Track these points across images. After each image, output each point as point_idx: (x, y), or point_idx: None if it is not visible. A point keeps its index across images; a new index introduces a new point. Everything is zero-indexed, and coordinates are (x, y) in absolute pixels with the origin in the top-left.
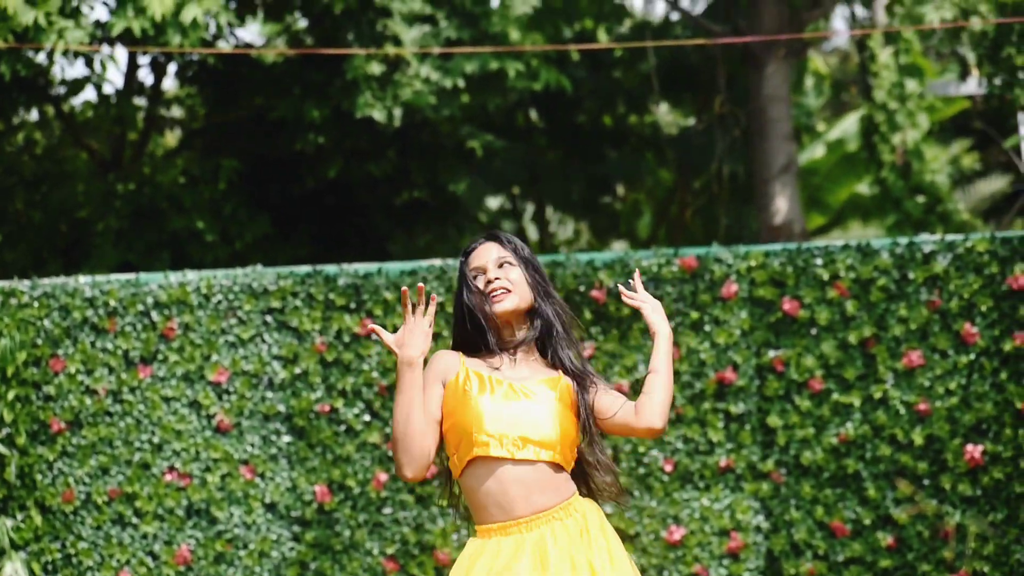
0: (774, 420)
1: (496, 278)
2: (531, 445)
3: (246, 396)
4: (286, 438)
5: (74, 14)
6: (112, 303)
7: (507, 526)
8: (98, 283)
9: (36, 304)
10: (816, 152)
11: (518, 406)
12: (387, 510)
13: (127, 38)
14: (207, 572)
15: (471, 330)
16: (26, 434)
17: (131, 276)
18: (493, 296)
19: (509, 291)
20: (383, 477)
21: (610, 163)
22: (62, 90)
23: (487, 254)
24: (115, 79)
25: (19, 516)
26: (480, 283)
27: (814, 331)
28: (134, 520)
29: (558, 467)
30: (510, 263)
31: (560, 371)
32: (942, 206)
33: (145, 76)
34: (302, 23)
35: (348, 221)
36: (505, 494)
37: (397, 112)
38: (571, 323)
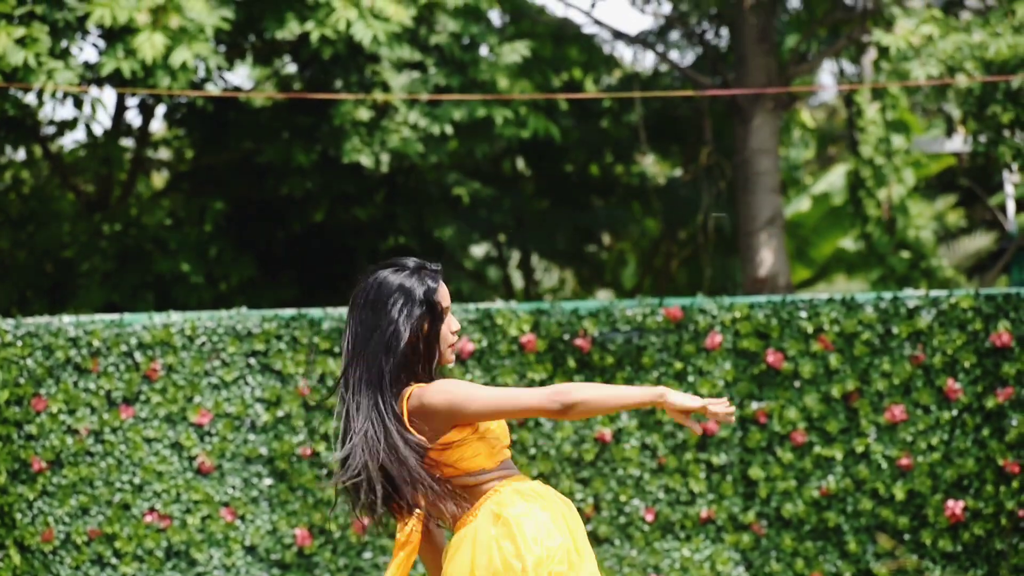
0: (756, 472)
1: (458, 327)
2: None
3: (228, 438)
4: (267, 481)
5: (63, 55)
6: (95, 343)
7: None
8: (82, 323)
9: (19, 343)
10: (802, 205)
11: None
12: (367, 555)
13: (116, 79)
14: None
15: (418, 354)
16: (6, 473)
17: (115, 317)
18: (453, 346)
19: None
20: (365, 521)
21: (596, 212)
22: (50, 130)
23: (446, 293)
24: (103, 120)
25: None
26: (452, 327)
27: (797, 383)
28: (113, 561)
29: None
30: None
31: None
32: (926, 262)
33: (133, 118)
34: (291, 68)
35: (334, 265)
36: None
37: (384, 158)
38: None
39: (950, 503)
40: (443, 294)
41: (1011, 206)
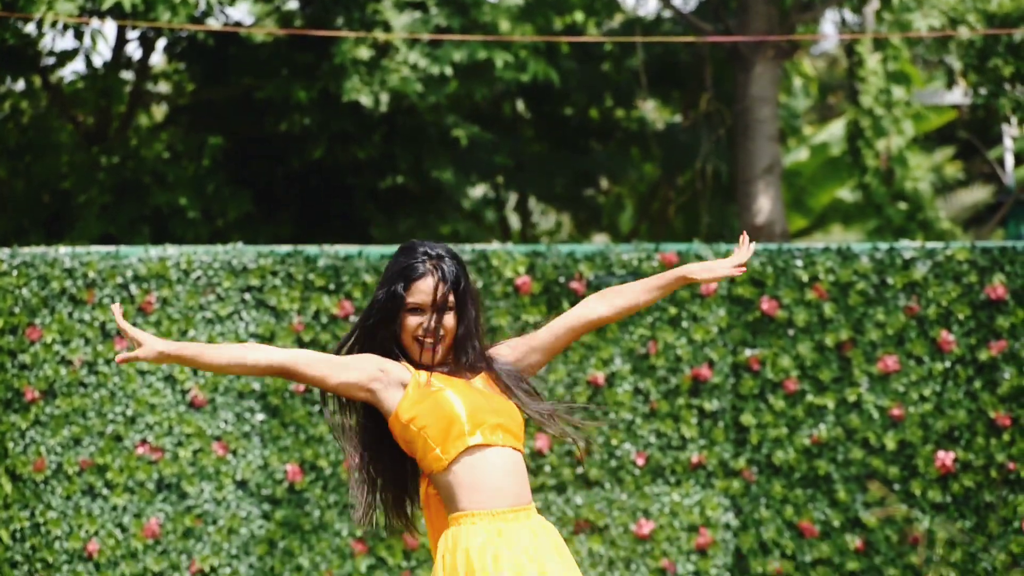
0: (747, 419)
1: (432, 328)
2: (504, 433)
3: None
4: (260, 416)
5: None
6: (91, 275)
7: (505, 512)
8: (78, 254)
9: (15, 273)
10: (800, 155)
11: (480, 397)
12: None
13: (117, 12)
14: (175, 547)
15: (385, 341)
16: (0, 402)
17: (111, 249)
18: (424, 346)
19: (441, 341)
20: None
21: (595, 157)
22: (50, 61)
23: (428, 289)
24: (103, 52)
25: None
26: (413, 324)
27: (791, 332)
28: (104, 491)
29: (522, 458)
30: (449, 306)
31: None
32: (923, 214)
33: (133, 50)
34: (292, 4)
35: (331, 203)
36: (499, 480)
37: (384, 97)
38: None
39: (940, 454)
40: (419, 289)
41: (1009, 160)
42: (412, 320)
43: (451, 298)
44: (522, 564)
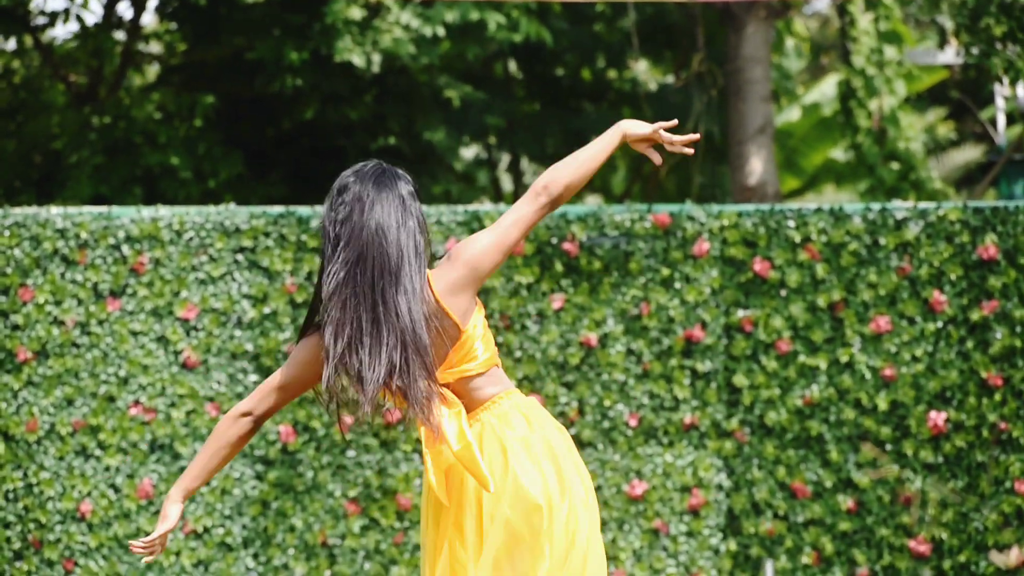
0: (740, 380)
1: None
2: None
3: (214, 334)
4: (253, 377)
5: None
6: (83, 235)
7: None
8: (70, 215)
9: (7, 233)
10: (792, 115)
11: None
12: (351, 453)
13: None
14: None
15: None
16: None
17: (103, 209)
18: None
19: None
20: (348, 420)
21: (587, 117)
22: (41, 21)
23: None
24: (95, 11)
25: None
26: None
27: (783, 293)
28: (97, 452)
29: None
30: None
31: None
32: (915, 174)
33: (125, 10)
34: None
35: (323, 164)
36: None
37: (376, 58)
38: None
39: (933, 414)
40: None
41: (1001, 120)
42: None
43: None
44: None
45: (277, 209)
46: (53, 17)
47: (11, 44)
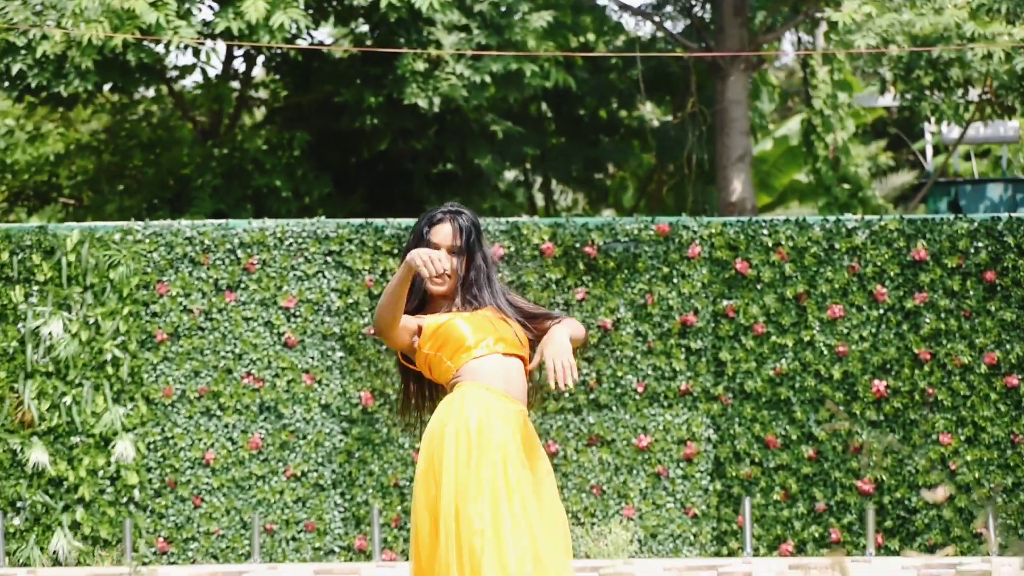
0: (724, 355)
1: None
2: (504, 344)
3: (309, 319)
4: (339, 353)
5: (186, 15)
6: (206, 242)
7: (495, 390)
8: (196, 226)
9: (147, 240)
10: (766, 146)
11: (485, 321)
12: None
13: (227, 35)
14: (274, 456)
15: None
16: (136, 342)
17: (222, 221)
18: (433, 279)
19: (447, 279)
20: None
21: (603, 148)
22: (174, 74)
23: (444, 232)
24: (216, 66)
25: (129, 406)
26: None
27: (759, 286)
28: (218, 413)
29: (523, 372)
30: (458, 252)
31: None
32: (862, 193)
33: (239, 65)
34: (364, 28)
35: (394, 185)
36: (493, 369)
37: (436, 100)
38: (495, 279)
39: (876, 382)
40: (437, 231)
41: (929, 150)
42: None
43: (460, 242)
44: (507, 441)
45: (358, 221)
46: (183, 71)
47: (151, 92)
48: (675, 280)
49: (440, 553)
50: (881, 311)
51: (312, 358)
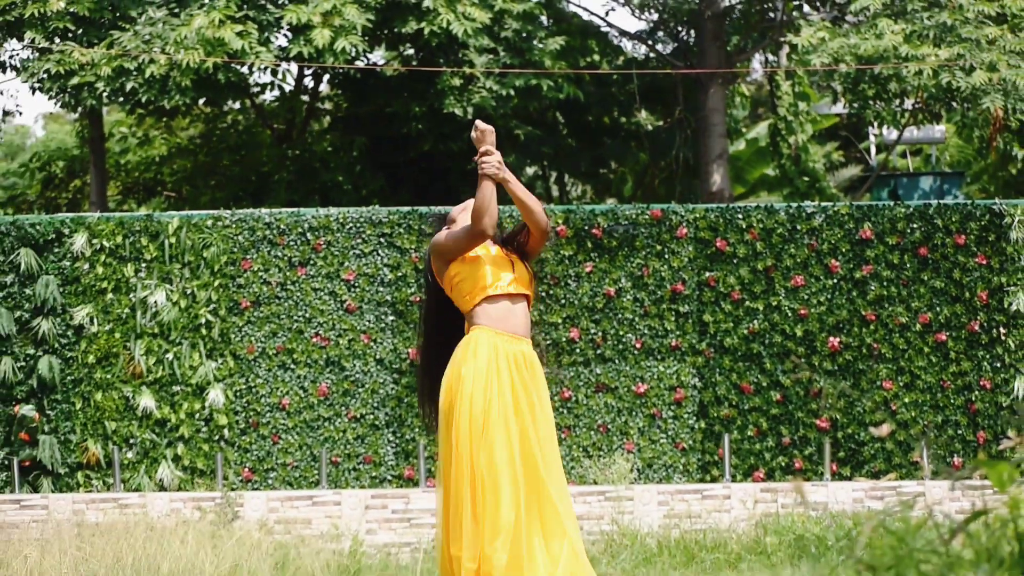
0: (707, 317)
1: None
2: (516, 283)
3: (366, 289)
4: (391, 317)
5: (265, 42)
6: (282, 226)
7: (500, 332)
8: (273, 214)
9: (234, 226)
10: (740, 146)
11: (503, 261)
12: None
13: (299, 57)
14: (337, 401)
15: None
16: (225, 308)
17: (294, 210)
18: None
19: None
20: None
21: (607, 148)
22: (255, 90)
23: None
24: (289, 83)
25: (219, 361)
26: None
27: (735, 260)
28: (292, 366)
29: (527, 311)
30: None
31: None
32: (819, 184)
33: (308, 81)
34: (410, 51)
35: (436, 180)
36: (501, 314)
37: (470, 109)
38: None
39: (831, 339)
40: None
41: (873, 149)
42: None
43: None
44: (514, 381)
45: (406, 208)
46: (263, 87)
47: (237, 105)
48: (666, 256)
49: (451, 484)
50: (835, 280)
51: (369, 321)
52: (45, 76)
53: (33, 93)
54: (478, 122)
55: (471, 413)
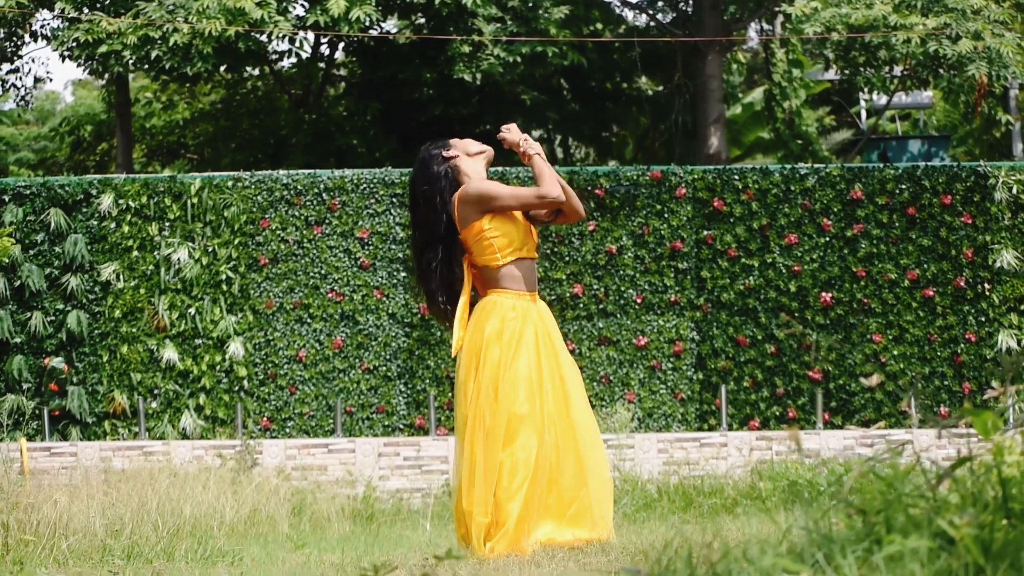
0: (705, 273)
1: None
2: (530, 246)
3: (379, 247)
4: (402, 273)
5: (283, 12)
6: (299, 187)
7: (523, 294)
8: (291, 175)
9: (253, 186)
10: (736, 110)
11: (524, 226)
12: None
13: (315, 26)
14: (352, 354)
15: None
16: (245, 265)
17: (311, 171)
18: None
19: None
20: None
21: (609, 112)
22: (274, 57)
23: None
24: (306, 51)
25: (239, 315)
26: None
27: (732, 220)
28: (308, 320)
29: (536, 269)
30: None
31: None
32: (812, 147)
33: (324, 49)
34: (422, 20)
35: None
36: (525, 276)
37: (478, 76)
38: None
39: (824, 294)
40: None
41: (863, 114)
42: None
43: None
44: (536, 338)
45: None
46: (281, 55)
47: (256, 71)
48: (666, 215)
49: (466, 442)
50: (827, 239)
51: (381, 277)
52: (74, 45)
53: (63, 61)
54: (503, 127)
55: (495, 375)
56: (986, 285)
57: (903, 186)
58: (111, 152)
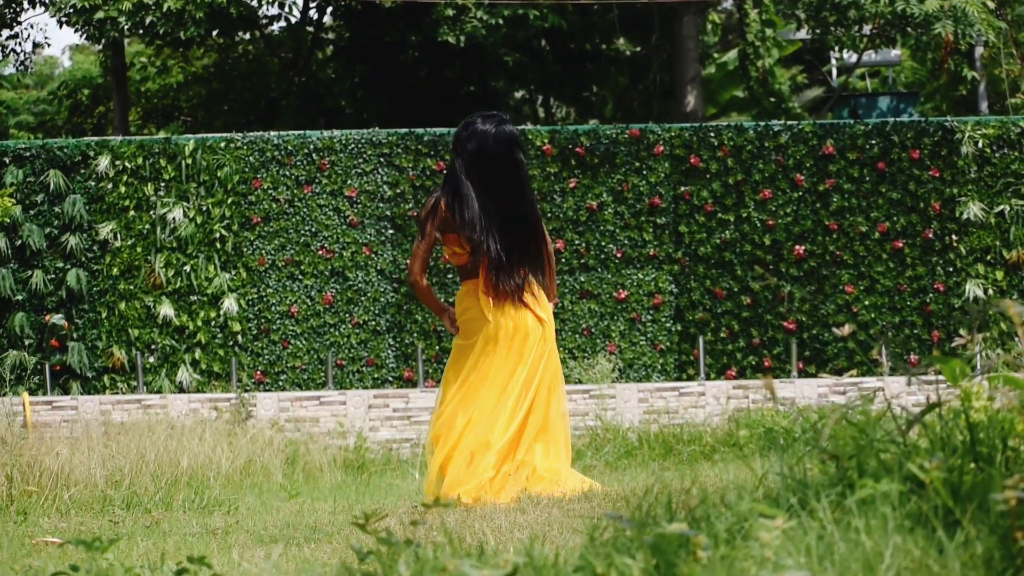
0: (683, 228)
1: None
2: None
3: (367, 205)
4: (391, 231)
5: None
6: (289, 147)
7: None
8: (281, 135)
9: (245, 147)
10: (712, 70)
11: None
12: (450, 276)
13: None
14: (343, 309)
15: None
16: (237, 223)
17: (301, 132)
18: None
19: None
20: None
21: (589, 72)
22: (264, 22)
23: None
24: (295, 15)
25: (232, 272)
26: None
27: (708, 176)
28: (299, 276)
29: None
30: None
31: None
32: (786, 104)
33: (313, 14)
34: None
35: (431, 104)
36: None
37: (462, 38)
38: None
39: (797, 247)
40: None
41: (835, 72)
42: None
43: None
44: (515, 326)
45: (403, 130)
46: (271, 19)
47: (247, 36)
48: (644, 172)
49: (448, 401)
50: (800, 193)
51: (370, 234)
52: (71, 11)
53: (60, 27)
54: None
55: (480, 357)
56: (953, 236)
57: (873, 141)
58: (108, 115)
